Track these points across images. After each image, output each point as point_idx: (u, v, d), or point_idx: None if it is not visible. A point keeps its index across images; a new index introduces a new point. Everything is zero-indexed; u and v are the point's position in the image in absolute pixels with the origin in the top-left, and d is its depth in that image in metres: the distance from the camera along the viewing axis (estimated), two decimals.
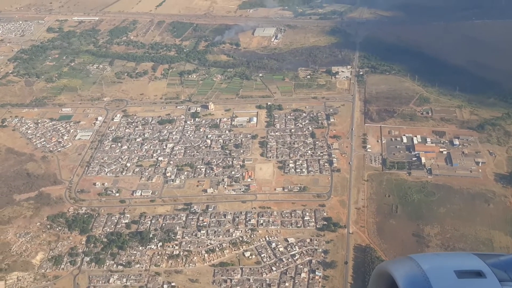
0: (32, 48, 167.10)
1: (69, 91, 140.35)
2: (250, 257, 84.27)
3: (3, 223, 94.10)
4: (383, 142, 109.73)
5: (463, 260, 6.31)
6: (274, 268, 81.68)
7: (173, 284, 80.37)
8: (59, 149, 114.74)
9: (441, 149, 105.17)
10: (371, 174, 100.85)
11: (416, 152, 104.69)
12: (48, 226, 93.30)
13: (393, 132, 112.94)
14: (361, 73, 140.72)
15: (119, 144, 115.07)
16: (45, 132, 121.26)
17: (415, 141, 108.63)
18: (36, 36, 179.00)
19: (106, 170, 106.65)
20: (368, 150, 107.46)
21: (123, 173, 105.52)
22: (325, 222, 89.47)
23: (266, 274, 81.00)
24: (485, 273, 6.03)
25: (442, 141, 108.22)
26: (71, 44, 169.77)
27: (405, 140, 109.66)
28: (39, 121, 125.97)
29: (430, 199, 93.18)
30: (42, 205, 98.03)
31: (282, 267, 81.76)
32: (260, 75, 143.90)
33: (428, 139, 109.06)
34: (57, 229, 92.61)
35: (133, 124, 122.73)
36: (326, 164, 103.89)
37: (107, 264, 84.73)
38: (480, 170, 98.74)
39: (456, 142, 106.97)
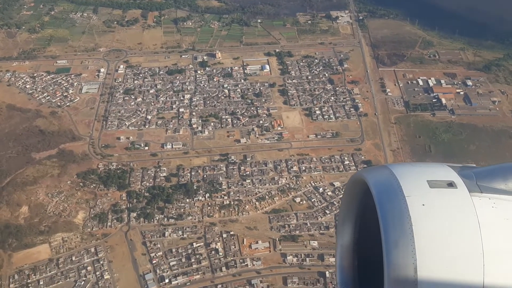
0: None
1: (58, 42, 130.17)
2: (301, 202, 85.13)
3: (30, 184, 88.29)
4: (401, 85, 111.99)
5: (437, 171, 6.53)
6: (327, 211, 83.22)
7: (231, 232, 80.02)
8: (67, 104, 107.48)
9: (457, 90, 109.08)
10: (397, 117, 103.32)
11: (435, 94, 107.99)
12: (81, 184, 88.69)
13: (408, 76, 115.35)
14: (361, 17, 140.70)
15: (133, 97, 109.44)
16: (45, 87, 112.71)
17: (430, 84, 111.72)
18: None
19: (126, 123, 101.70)
20: (389, 94, 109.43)
21: (146, 126, 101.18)
22: (365, 165, 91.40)
23: (321, 217, 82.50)
24: (456, 184, 6.21)
25: (455, 83, 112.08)
26: None
27: (421, 82, 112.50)
28: (35, 74, 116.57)
29: (459, 137, 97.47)
30: (68, 162, 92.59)
31: (335, 210, 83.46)
32: (259, 21, 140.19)
33: (442, 81, 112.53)
34: (92, 186, 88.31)
35: (141, 75, 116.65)
36: (351, 109, 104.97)
37: (157, 218, 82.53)
38: (497, 109, 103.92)
39: (469, 83, 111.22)
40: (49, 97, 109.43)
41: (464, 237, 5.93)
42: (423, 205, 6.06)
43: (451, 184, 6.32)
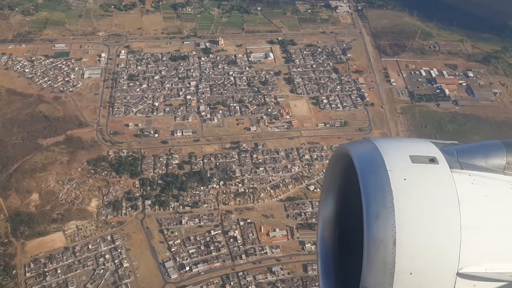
0: None
1: (54, 25, 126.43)
2: (315, 190, 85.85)
3: (39, 171, 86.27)
4: (404, 76, 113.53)
5: (420, 147, 6.76)
6: None
7: (248, 220, 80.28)
8: (70, 89, 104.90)
9: (459, 81, 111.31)
10: (403, 107, 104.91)
11: (438, 85, 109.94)
12: (92, 171, 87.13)
13: (410, 66, 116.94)
14: (359, 7, 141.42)
15: (137, 83, 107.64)
16: (45, 71, 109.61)
17: (433, 74, 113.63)
18: None
19: (134, 110, 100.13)
20: (393, 84, 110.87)
21: (154, 113, 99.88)
22: None
23: None
24: (438, 160, 6.48)
25: (457, 74, 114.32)
26: None
27: (423, 73, 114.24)
28: (33, 58, 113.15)
29: (463, 128, 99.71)
30: (76, 149, 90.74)
31: None
32: (259, 8, 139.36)
33: (444, 72, 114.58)
34: (103, 173, 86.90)
35: (143, 61, 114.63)
36: (358, 98, 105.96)
37: (172, 206, 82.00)
38: (499, 100, 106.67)
39: (471, 74, 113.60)
40: (50, 81, 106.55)
41: (443, 212, 6.06)
42: (405, 179, 6.16)
43: (433, 160, 6.44)
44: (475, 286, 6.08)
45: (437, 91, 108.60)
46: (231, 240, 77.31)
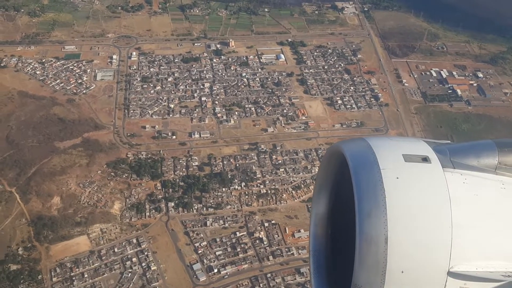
0: None
1: (62, 27, 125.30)
2: None
3: (58, 174, 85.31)
4: (415, 76, 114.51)
5: (412, 146, 6.88)
6: None
7: (273, 221, 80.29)
8: (83, 91, 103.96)
9: (470, 82, 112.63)
10: (417, 107, 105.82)
11: (450, 85, 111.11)
12: (112, 173, 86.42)
13: (420, 67, 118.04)
14: (365, 9, 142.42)
15: (151, 85, 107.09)
16: (57, 73, 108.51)
17: (443, 75, 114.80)
18: None
19: (149, 112, 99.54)
20: (405, 84, 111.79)
21: (170, 115, 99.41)
22: None
23: None
24: (430, 159, 6.58)
25: (467, 74, 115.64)
26: None
27: (434, 74, 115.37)
28: (43, 60, 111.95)
29: (478, 128, 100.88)
30: (95, 151, 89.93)
31: None
32: (266, 10, 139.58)
33: (454, 73, 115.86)
34: (124, 176, 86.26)
35: (156, 63, 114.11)
36: (372, 99, 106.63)
37: (196, 207, 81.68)
38: (510, 100, 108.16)
39: (480, 75, 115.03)
40: (62, 84, 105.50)
41: (434, 210, 6.11)
42: (397, 178, 6.22)
43: (425, 159, 6.51)
44: (465, 284, 6.12)
45: (449, 91, 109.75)
46: (257, 241, 77.22)
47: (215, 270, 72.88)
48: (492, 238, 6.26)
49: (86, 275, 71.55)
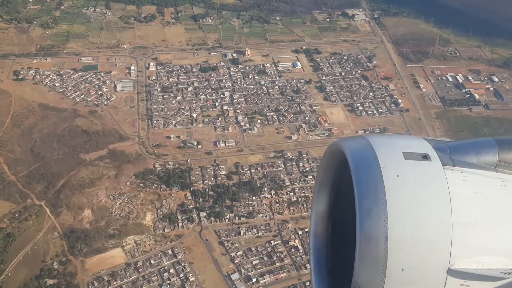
0: None
1: (77, 38, 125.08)
2: None
3: (87, 186, 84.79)
4: (432, 81, 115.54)
5: (413, 143, 6.89)
6: None
7: (306, 229, 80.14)
8: (105, 103, 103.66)
9: (486, 86, 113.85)
10: (437, 112, 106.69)
11: (467, 90, 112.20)
12: (141, 184, 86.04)
13: (436, 72, 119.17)
14: (375, 15, 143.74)
15: (172, 95, 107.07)
16: (76, 85, 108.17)
17: (459, 80, 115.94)
18: None
19: (173, 122, 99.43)
20: (423, 90, 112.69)
21: (194, 125, 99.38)
22: None
23: None
24: (430, 157, 6.60)
25: (482, 79, 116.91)
26: None
27: (450, 79, 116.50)
28: (61, 72, 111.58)
29: (498, 131, 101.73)
30: (122, 163, 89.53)
31: None
32: (278, 18, 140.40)
33: (469, 77, 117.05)
34: (153, 186, 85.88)
35: (174, 73, 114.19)
36: (392, 105, 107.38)
37: (228, 217, 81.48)
38: None
39: (495, 79, 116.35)
40: (83, 95, 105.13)
41: (435, 208, 6.08)
42: (398, 176, 6.19)
43: (425, 157, 6.50)
44: (466, 281, 6.12)
45: (467, 96, 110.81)
46: (292, 250, 77.09)
47: (254, 280, 72.59)
48: (492, 235, 6.22)
49: None
